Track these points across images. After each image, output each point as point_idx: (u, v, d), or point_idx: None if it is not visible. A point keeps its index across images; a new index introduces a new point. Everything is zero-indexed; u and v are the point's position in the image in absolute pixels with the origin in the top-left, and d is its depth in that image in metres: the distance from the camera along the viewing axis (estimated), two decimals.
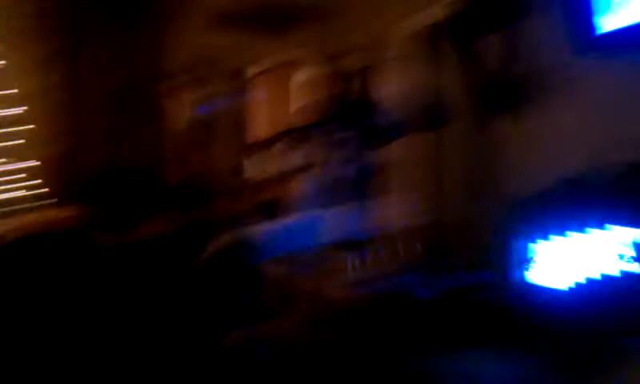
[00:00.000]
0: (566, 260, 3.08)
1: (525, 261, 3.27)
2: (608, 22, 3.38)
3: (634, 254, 2.65)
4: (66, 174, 5.54)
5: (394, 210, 5.58)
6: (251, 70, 7.51)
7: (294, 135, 4.39)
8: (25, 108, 5.87)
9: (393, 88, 5.65)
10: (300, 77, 6.24)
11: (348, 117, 4.10)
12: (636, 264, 2.64)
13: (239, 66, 6.84)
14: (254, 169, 7.02)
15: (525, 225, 3.31)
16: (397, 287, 2.64)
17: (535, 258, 3.25)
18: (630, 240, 2.71)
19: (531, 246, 3.27)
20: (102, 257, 2.56)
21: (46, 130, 5.90)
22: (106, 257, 2.56)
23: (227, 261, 2.87)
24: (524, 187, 3.70)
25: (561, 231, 3.12)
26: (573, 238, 3.04)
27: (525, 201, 3.42)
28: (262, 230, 4.61)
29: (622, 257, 2.71)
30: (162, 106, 6.23)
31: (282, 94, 7.26)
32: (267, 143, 6.94)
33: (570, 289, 2.96)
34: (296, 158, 4.69)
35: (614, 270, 2.74)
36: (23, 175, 5.67)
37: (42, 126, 5.91)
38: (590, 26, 3.46)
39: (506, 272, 3.32)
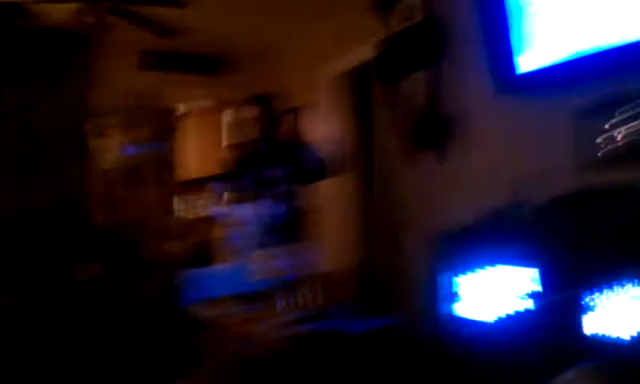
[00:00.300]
0: (489, 293, 3.15)
1: (450, 294, 3.32)
2: (526, 63, 3.52)
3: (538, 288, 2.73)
4: None
5: (321, 251, 5.63)
6: (181, 111, 7.50)
7: (223, 177, 4.36)
8: None
9: (319, 129, 5.75)
10: (229, 117, 6.26)
11: (276, 158, 4.12)
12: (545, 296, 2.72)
13: (169, 107, 6.82)
14: (184, 210, 6.95)
15: (449, 259, 3.37)
16: (326, 325, 2.64)
17: (460, 292, 3.31)
18: (538, 276, 2.79)
19: (456, 279, 3.33)
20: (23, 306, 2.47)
21: None
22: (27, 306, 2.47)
23: (158, 305, 2.81)
24: (448, 223, 3.79)
25: (483, 265, 3.19)
26: (495, 271, 3.11)
27: (449, 236, 3.49)
28: (191, 273, 4.55)
29: (534, 291, 2.78)
30: (90, 147, 6.11)
31: (211, 134, 7.27)
32: (197, 184, 6.89)
33: (494, 321, 3.02)
34: (225, 200, 4.66)
35: (530, 303, 2.82)
36: None
37: None
38: (509, 67, 3.60)
39: (433, 305, 3.36)
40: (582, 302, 2.60)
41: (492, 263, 3.09)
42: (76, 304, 2.60)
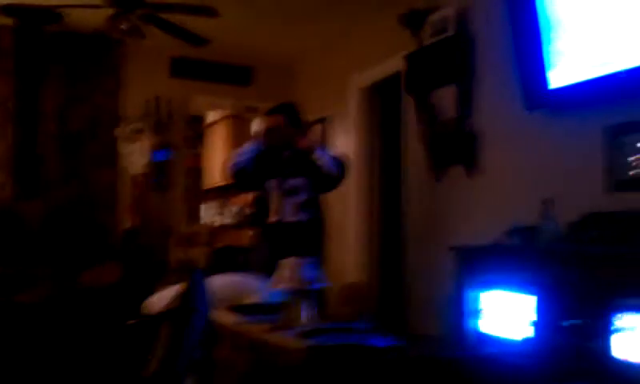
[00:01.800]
0: (515, 310, 3.10)
1: (475, 311, 3.27)
2: (557, 79, 3.47)
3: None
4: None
5: (338, 264, 5.60)
6: (209, 119, 7.54)
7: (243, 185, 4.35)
8: None
9: (346, 139, 5.74)
10: (256, 126, 6.26)
11: (298, 166, 4.10)
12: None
13: (197, 114, 6.86)
14: (209, 216, 6.96)
15: (475, 275, 3.33)
16: (350, 337, 2.60)
17: (485, 308, 3.26)
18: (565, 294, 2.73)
19: (481, 296, 3.28)
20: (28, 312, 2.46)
21: None
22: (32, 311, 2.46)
23: (178, 308, 2.79)
24: (474, 238, 3.74)
25: (510, 282, 3.14)
26: (521, 288, 3.06)
27: (475, 252, 3.44)
28: (214, 279, 4.55)
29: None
30: (119, 151, 6.18)
31: (239, 142, 7.30)
32: (223, 192, 6.90)
33: (520, 339, 2.97)
34: (248, 207, 4.66)
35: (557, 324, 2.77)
36: None
37: None
38: (540, 82, 3.55)
39: (457, 322, 3.32)
40: (612, 325, 2.54)
41: (518, 281, 3.04)
42: (88, 308, 2.60)
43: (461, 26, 4.30)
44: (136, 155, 6.09)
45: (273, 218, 4.10)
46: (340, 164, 4.13)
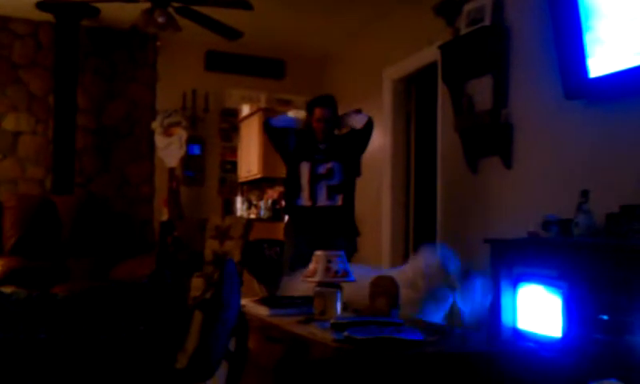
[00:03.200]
0: (549, 305, 3.02)
1: (511, 306, 3.21)
2: (598, 67, 3.37)
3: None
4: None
5: (375, 254, 5.57)
6: (244, 112, 7.56)
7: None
8: None
9: (379, 131, 5.68)
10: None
11: (333, 153, 4.11)
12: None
13: (233, 108, 6.88)
14: (244, 208, 6.99)
15: (511, 269, 3.25)
16: (382, 331, 2.58)
17: (519, 303, 3.19)
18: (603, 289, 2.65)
19: (518, 290, 3.21)
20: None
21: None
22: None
23: (210, 299, 2.77)
24: (511, 230, 3.67)
25: (544, 276, 3.06)
26: (554, 283, 2.98)
27: (512, 244, 3.37)
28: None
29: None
30: (155, 145, 6.23)
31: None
32: (258, 183, 6.95)
33: (558, 336, 2.89)
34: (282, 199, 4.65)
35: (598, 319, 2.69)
36: None
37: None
38: (580, 71, 3.46)
39: (491, 316, 3.26)
40: None
41: (553, 275, 2.97)
42: (122, 301, 2.60)
43: (497, 16, 4.22)
44: (172, 148, 6.13)
45: (306, 203, 4.10)
46: (365, 115, 4.22)
